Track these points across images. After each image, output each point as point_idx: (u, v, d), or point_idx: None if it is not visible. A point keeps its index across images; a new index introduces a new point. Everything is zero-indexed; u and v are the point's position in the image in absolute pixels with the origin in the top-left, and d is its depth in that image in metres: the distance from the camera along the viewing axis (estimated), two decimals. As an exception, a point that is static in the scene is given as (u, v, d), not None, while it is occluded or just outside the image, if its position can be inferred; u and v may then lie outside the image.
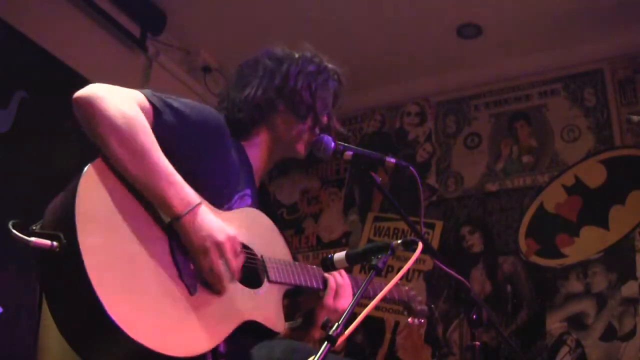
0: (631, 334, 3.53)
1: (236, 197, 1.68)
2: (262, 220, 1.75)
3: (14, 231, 1.23)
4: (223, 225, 1.46)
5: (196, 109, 1.63)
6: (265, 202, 1.88)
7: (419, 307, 2.15)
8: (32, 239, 1.23)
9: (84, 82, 1.43)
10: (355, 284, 1.90)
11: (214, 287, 1.46)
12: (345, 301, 1.81)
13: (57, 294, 1.28)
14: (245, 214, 1.68)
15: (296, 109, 1.82)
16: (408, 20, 4.09)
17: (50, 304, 1.28)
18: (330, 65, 1.93)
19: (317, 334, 1.82)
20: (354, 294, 1.84)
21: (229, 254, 1.45)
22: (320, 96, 1.85)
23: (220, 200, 1.60)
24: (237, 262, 1.49)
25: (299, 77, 1.84)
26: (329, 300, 1.79)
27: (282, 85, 1.83)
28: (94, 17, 3.78)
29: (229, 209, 1.64)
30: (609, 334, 3.58)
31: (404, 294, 2.14)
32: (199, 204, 1.43)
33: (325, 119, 1.88)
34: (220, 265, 1.44)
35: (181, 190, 1.42)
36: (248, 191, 1.74)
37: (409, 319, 2.16)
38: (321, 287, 1.81)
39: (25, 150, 3.20)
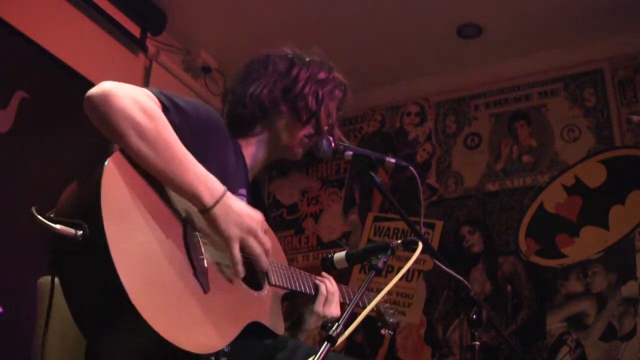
0: (631, 334, 3.53)
1: None
2: None
3: (39, 217, 1.23)
4: (250, 210, 1.50)
5: (198, 108, 1.63)
6: (258, 202, 1.88)
7: (390, 320, 2.22)
8: (58, 226, 1.23)
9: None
10: (340, 293, 1.93)
11: (252, 271, 1.49)
12: (334, 308, 1.84)
13: (76, 281, 1.29)
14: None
15: (300, 113, 1.82)
16: (408, 20, 4.09)
17: (67, 291, 1.29)
18: (338, 75, 1.92)
19: (302, 338, 1.83)
20: (340, 302, 1.88)
21: (261, 236, 1.50)
22: (325, 104, 1.85)
23: None
24: (269, 242, 1.53)
25: (307, 82, 1.83)
26: (319, 306, 1.82)
27: (289, 87, 1.82)
28: (93, 17, 3.77)
29: None
30: (609, 334, 3.59)
31: (380, 305, 2.19)
32: (225, 191, 1.46)
33: (325, 128, 1.87)
34: (257, 248, 1.49)
35: (208, 182, 1.44)
36: (243, 191, 1.74)
37: (382, 330, 2.24)
38: (313, 293, 1.84)
39: (25, 150, 3.20)
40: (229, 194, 1.46)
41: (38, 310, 1.68)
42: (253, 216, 1.49)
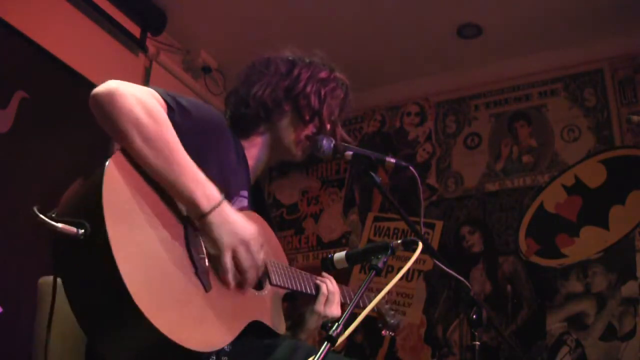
0: (631, 334, 3.53)
1: (234, 199, 1.69)
2: (261, 224, 1.76)
3: (41, 216, 1.23)
4: (245, 222, 1.49)
5: (200, 108, 1.64)
6: (259, 202, 1.88)
7: (391, 321, 2.21)
8: (60, 224, 1.24)
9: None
10: (341, 293, 1.93)
11: (238, 283, 1.49)
12: (335, 308, 1.85)
13: (77, 280, 1.30)
14: (245, 217, 1.68)
15: (302, 112, 1.83)
16: (408, 20, 4.09)
17: (69, 290, 1.29)
18: (339, 76, 1.94)
19: (303, 337, 1.84)
20: (341, 302, 1.89)
21: (254, 249, 1.49)
22: (327, 103, 1.86)
23: None
24: (262, 257, 1.52)
25: (309, 81, 1.85)
26: (319, 306, 1.83)
27: (291, 87, 1.84)
28: (94, 17, 3.77)
29: None
30: (609, 334, 3.59)
31: (381, 306, 2.19)
32: (222, 200, 1.45)
33: (328, 127, 1.88)
34: (247, 261, 1.47)
35: (206, 188, 1.44)
36: (244, 193, 1.74)
37: (382, 332, 2.23)
38: (314, 292, 1.84)
39: (25, 150, 3.20)
40: (226, 203, 1.46)
41: (38, 310, 1.69)
42: (248, 228, 1.48)
